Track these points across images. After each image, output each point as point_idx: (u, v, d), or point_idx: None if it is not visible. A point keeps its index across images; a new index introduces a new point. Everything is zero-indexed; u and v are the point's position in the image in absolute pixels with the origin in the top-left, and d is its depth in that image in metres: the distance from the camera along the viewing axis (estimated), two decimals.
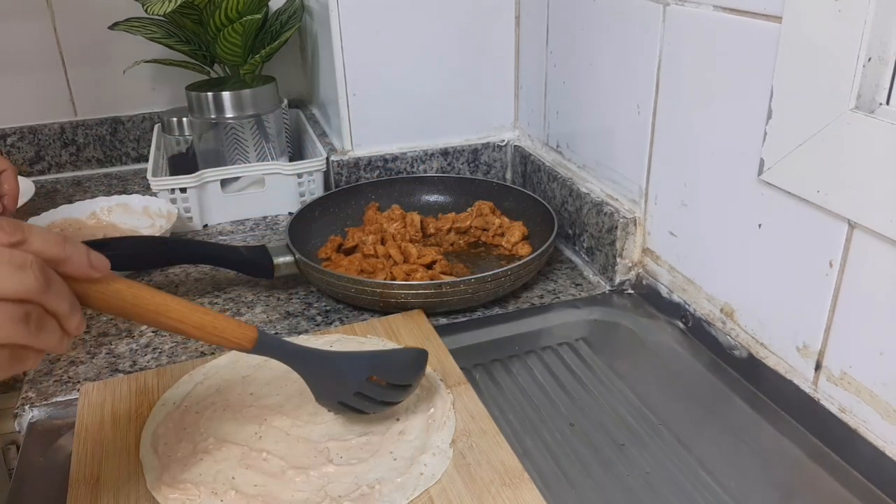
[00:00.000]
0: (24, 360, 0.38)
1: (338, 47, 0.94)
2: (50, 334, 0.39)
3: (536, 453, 0.59)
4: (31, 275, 0.37)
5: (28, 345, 0.37)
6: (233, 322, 0.50)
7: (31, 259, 0.37)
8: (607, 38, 0.78)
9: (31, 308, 0.37)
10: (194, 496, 0.51)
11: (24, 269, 0.37)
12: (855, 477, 0.55)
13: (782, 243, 0.59)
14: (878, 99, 0.50)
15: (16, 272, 0.36)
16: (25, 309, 0.37)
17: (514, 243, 0.86)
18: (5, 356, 0.37)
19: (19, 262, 0.37)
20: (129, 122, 1.23)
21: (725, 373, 0.67)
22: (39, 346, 0.38)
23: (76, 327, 0.40)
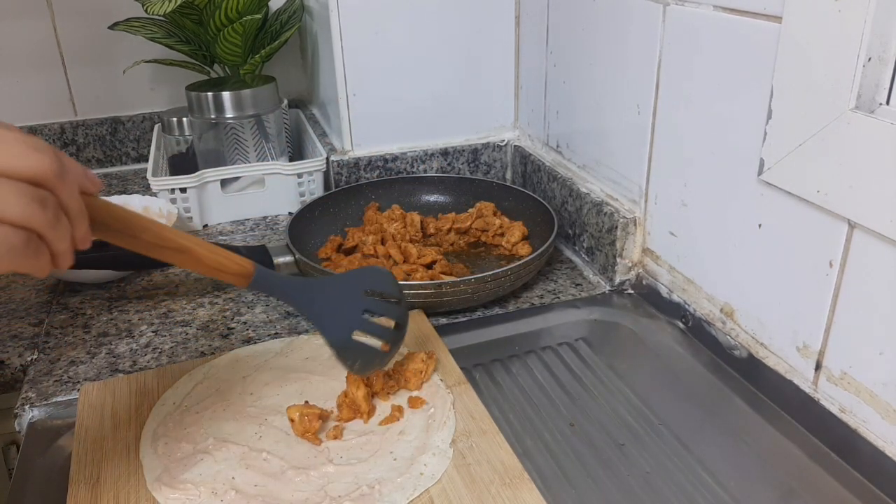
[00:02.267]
0: (38, 256, 0.37)
1: (338, 47, 0.94)
2: (63, 232, 0.37)
3: (536, 453, 0.59)
4: (49, 156, 0.36)
5: (44, 234, 0.36)
6: (232, 255, 0.50)
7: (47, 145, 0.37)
8: (607, 38, 0.78)
9: (46, 194, 0.36)
10: (194, 496, 0.51)
11: (42, 151, 0.36)
12: (855, 477, 0.55)
13: (782, 243, 0.59)
14: (878, 99, 0.50)
15: (33, 151, 0.36)
16: (42, 193, 0.36)
17: (514, 243, 0.86)
18: (22, 240, 0.35)
19: (35, 144, 0.36)
20: (129, 122, 1.23)
21: (725, 373, 0.67)
22: (54, 240, 0.37)
23: (83, 236, 0.39)
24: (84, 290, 0.82)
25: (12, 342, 0.73)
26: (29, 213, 0.35)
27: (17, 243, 0.35)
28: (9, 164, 0.35)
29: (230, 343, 0.72)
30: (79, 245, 0.39)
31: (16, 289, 0.84)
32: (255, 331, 0.74)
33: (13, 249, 0.35)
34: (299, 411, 0.57)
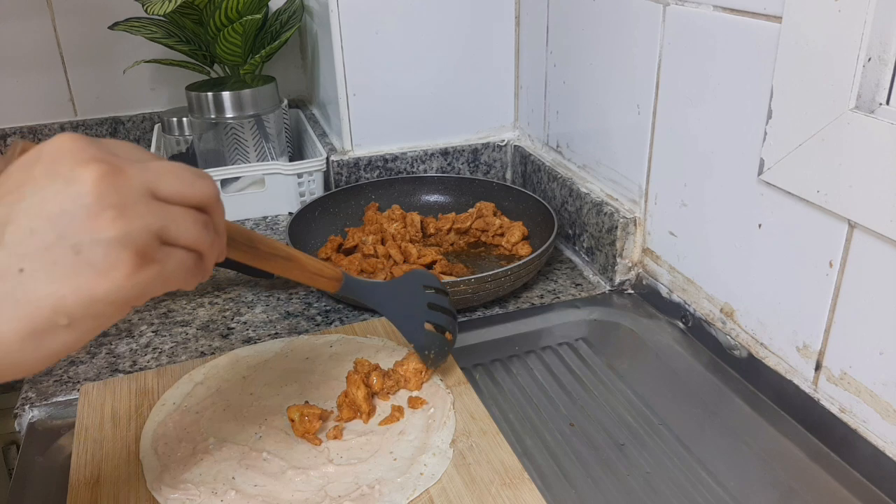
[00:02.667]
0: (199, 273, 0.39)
1: (338, 47, 0.94)
2: (216, 250, 0.40)
3: (536, 453, 0.59)
4: (210, 182, 0.39)
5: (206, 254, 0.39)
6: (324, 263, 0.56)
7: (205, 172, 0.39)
8: (607, 38, 0.78)
9: (208, 218, 0.39)
10: (194, 496, 0.51)
11: (205, 178, 0.39)
12: (855, 477, 0.55)
13: (782, 243, 0.59)
14: (878, 99, 0.50)
15: (199, 178, 0.38)
16: (206, 217, 0.39)
17: (514, 243, 0.86)
18: (194, 262, 0.38)
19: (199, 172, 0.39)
20: (129, 122, 1.23)
21: (725, 373, 0.67)
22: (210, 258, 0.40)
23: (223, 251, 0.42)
24: None
25: None
26: (200, 237, 0.38)
27: (191, 265, 0.38)
28: (186, 192, 0.37)
29: (230, 343, 0.72)
30: (219, 259, 0.42)
31: None
32: (255, 331, 0.74)
33: (188, 270, 0.38)
34: (300, 411, 0.57)
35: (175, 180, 0.37)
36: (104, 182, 0.34)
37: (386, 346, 0.68)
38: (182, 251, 0.37)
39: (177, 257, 0.37)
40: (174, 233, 0.37)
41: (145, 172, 0.36)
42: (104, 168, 0.34)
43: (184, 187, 0.37)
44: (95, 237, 0.34)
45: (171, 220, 0.36)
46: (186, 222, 0.37)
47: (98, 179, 0.34)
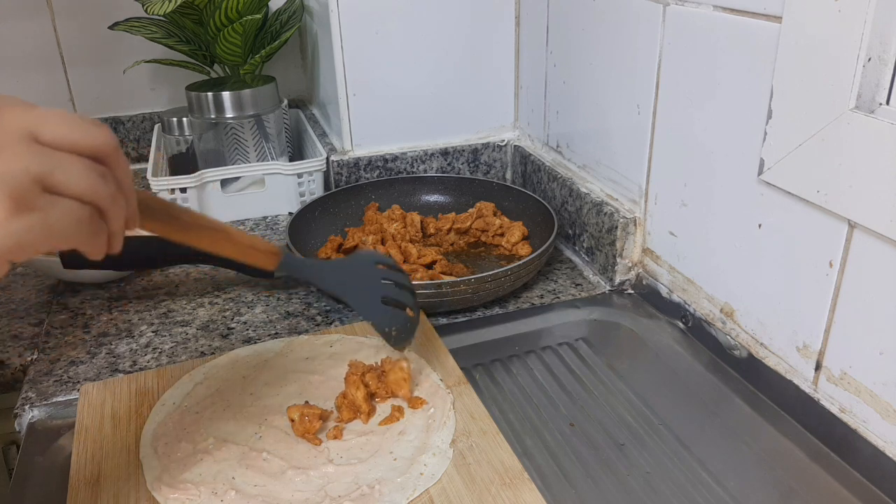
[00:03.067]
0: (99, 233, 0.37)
1: (338, 47, 0.94)
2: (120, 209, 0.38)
3: (536, 453, 0.59)
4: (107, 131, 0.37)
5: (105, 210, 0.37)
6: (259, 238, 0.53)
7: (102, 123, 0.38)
8: (607, 38, 0.78)
9: (105, 170, 0.37)
10: (194, 496, 0.51)
11: (100, 127, 0.37)
12: (855, 477, 0.55)
13: (782, 243, 0.59)
14: (878, 99, 0.50)
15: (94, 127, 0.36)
16: (102, 168, 0.37)
17: (514, 243, 0.86)
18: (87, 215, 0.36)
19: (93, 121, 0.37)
20: (129, 122, 1.23)
21: (725, 373, 0.67)
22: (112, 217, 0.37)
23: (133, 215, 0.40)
24: (84, 290, 0.82)
25: (12, 342, 0.73)
26: (94, 188, 0.35)
27: (83, 218, 0.35)
28: (73, 138, 0.35)
29: (230, 343, 0.72)
30: (129, 225, 0.40)
31: (16, 289, 0.84)
32: (255, 331, 0.74)
33: (80, 224, 0.35)
34: (300, 411, 0.57)
35: (62, 124, 0.35)
36: None
37: (386, 346, 0.68)
38: (70, 201, 0.35)
39: (63, 207, 0.34)
40: (59, 179, 0.34)
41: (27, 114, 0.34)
42: None
43: (72, 132, 0.35)
44: None
45: (56, 165, 0.34)
46: (75, 169, 0.35)
47: None
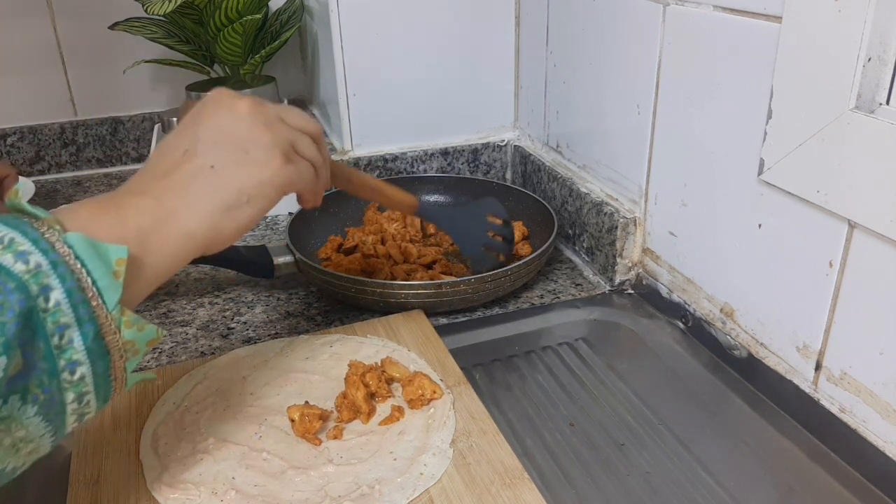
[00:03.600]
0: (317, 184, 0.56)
1: (338, 47, 0.94)
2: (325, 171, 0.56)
3: (536, 453, 0.59)
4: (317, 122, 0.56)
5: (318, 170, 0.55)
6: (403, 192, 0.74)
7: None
8: (607, 38, 0.78)
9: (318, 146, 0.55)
10: (194, 496, 0.51)
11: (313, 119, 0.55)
12: (855, 477, 0.55)
13: (782, 243, 0.59)
14: (878, 99, 0.50)
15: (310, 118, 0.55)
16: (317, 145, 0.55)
17: (514, 243, 0.86)
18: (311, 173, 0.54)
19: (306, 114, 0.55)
20: (129, 122, 1.23)
21: (725, 373, 0.67)
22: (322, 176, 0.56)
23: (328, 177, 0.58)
24: None
25: None
26: (315, 155, 0.54)
27: (311, 175, 0.54)
28: (303, 123, 0.54)
29: (230, 343, 0.72)
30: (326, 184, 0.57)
31: None
32: (255, 331, 0.74)
33: (311, 178, 0.54)
34: (300, 412, 0.57)
35: (296, 115, 0.54)
36: (254, 108, 0.50)
37: (386, 347, 0.68)
38: (305, 162, 0.53)
39: (304, 164, 0.53)
40: (300, 147, 0.52)
41: (275, 107, 0.52)
42: (250, 101, 0.50)
43: (302, 121, 0.54)
44: (256, 142, 0.49)
45: (298, 137, 0.52)
46: (306, 142, 0.53)
47: (250, 107, 0.50)
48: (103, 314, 0.40)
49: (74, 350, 0.39)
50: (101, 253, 0.40)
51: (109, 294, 0.40)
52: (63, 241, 0.39)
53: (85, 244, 0.39)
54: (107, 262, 0.40)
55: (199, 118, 0.50)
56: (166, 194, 0.46)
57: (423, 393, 0.60)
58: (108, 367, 0.41)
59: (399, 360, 0.64)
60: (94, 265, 0.39)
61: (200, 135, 0.49)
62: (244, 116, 0.50)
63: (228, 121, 0.49)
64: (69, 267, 0.38)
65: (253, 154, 0.49)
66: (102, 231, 0.42)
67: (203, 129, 0.49)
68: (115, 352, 0.41)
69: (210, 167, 0.47)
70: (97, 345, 0.40)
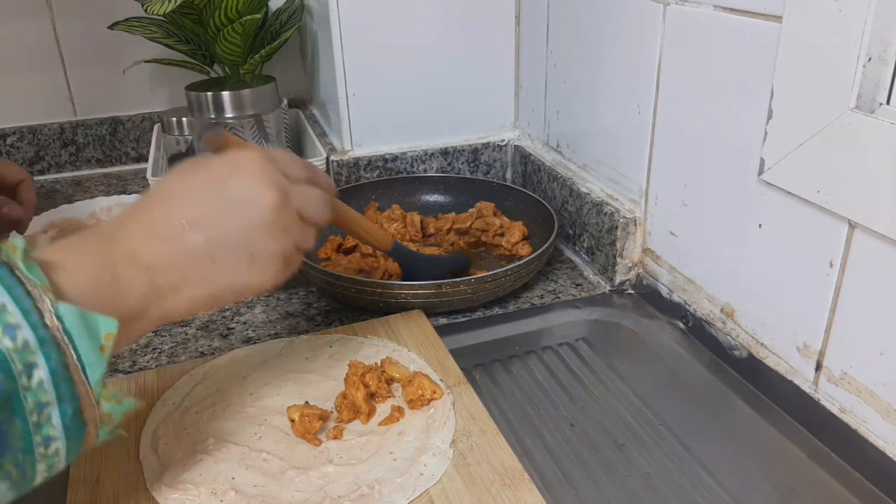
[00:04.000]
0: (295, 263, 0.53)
1: (338, 47, 0.94)
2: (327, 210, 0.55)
3: (536, 453, 0.59)
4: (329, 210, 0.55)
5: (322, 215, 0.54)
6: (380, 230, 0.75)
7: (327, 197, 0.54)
8: (607, 38, 0.78)
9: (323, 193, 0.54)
10: (194, 496, 0.51)
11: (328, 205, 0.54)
12: (855, 477, 0.55)
13: (783, 243, 0.59)
14: (879, 99, 0.50)
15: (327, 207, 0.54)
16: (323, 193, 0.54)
17: (515, 243, 0.86)
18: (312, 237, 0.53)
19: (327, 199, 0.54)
20: (129, 122, 1.23)
21: (726, 373, 0.67)
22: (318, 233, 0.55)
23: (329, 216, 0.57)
24: None
25: None
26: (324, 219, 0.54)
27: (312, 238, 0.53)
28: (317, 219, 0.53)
29: (230, 343, 0.72)
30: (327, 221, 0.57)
31: None
32: (255, 331, 0.74)
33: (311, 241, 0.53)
34: (300, 412, 0.57)
35: (314, 209, 0.52)
36: (277, 208, 0.48)
37: (386, 347, 0.68)
38: (311, 228, 0.53)
39: (308, 231, 0.53)
40: (303, 245, 0.52)
41: (298, 197, 0.50)
42: (279, 195, 0.48)
43: (317, 216, 0.52)
44: (265, 250, 0.48)
45: (306, 236, 0.52)
46: (311, 237, 0.53)
47: (274, 206, 0.47)
48: (84, 390, 0.39)
49: (52, 427, 0.38)
50: (90, 326, 0.39)
51: (93, 370, 0.39)
52: (54, 313, 0.37)
53: (76, 317, 0.38)
54: (95, 336, 0.39)
55: (225, 187, 0.47)
56: (159, 271, 0.44)
57: (423, 393, 0.60)
58: (82, 439, 0.40)
59: (399, 361, 0.64)
60: (81, 340, 0.38)
61: (217, 212, 0.46)
62: (268, 211, 0.47)
63: (251, 211, 0.47)
64: (56, 343, 0.37)
65: (257, 261, 0.47)
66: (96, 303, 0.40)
67: (222, 207, 0.46)
68: (91, 423, 0.40)
69: (210, 259, 0.46)
70: (75, 421, 0.39)
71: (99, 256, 0.43)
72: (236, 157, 0.48)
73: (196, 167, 0.48)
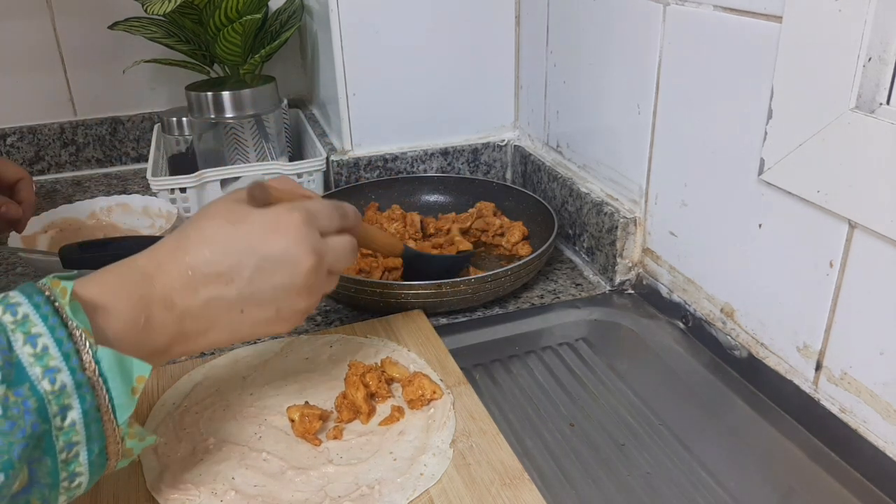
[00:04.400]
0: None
1: (338, 47, 0.94)
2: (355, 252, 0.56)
3: (536, 453, 0.59)
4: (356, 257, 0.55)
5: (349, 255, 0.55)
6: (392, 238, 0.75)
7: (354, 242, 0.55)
8: (607, 38, 0.78)
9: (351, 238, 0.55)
10: (194, 496, 0.51)
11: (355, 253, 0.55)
12: (855, 477, 0.55)
13: (783, 243, 0.59)
14: (879, 99, 0.50)
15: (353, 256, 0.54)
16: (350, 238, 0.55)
17: (515, 243, 0.86)
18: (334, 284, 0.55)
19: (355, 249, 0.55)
20: (129, 122, 1.23)
21: (725, 373, 0.67)
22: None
23: None
24: None
25: None
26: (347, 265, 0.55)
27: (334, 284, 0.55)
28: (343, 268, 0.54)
29: None
30: None
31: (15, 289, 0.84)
32: None
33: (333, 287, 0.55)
34: (300, 412, 0.57)
35: (344, 263, 0.53)
36: (311, 272, 0.49)
37: (386, 347, 0.68)
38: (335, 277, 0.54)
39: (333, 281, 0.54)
40: (327, 292, 0.54)
41: (332, 256, 0.52)
42: (315, 261, 0.49)
43: (343, 266, 0.54)
44: (292, 307, 0.50)
45: (331, 285, 0.54)
46: (335, 284, 0.54)
47: (309, 270, 0.49)
48: (112, 429, 0.41)
49: (79, 464, 0.40)
50: (125, 369, 0.41)
51: (122, 411, 0.41)
52: (92, 356, 0.39)
53: (112, 360, 0.40)
54: (128, 379, 0.41)
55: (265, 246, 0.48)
56: (190, 318, 0.46)
57: (423, 393, 0.60)
58: (103, 471, 0.42)
59: (399, 361, 0.64)
60: (115, 383, 0.40)
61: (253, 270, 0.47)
62: (302, 275, 0.49)
63: (286, 273, 0.48)
64: (91, 385, 0.39)
65: (283, 315, 0.50)
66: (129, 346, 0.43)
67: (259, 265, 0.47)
68: (114, 457, 0.42)
69: (240, 311, 0.48)
70: (100, 458, 0.41)
71: (140, 300, 0.44)
72: (279, 216, 0.49)
73: (239, 216, 0.49)
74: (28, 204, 0.82)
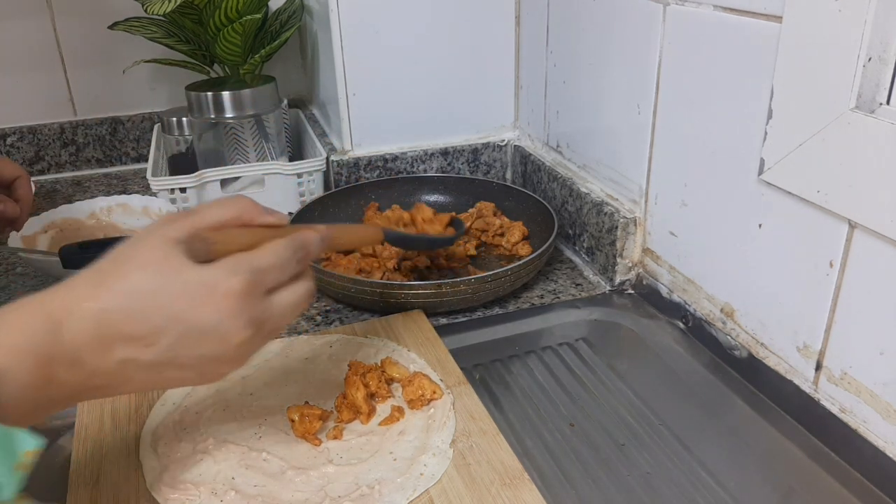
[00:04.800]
0: None
1: (338, 47, 0.94)
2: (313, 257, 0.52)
3: (536, 453, 0.59)
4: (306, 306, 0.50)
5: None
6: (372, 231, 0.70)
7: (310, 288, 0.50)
8: (607, 38, 0.78)
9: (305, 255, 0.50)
10: (194, 496, 0.51)
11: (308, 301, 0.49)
12: (855, 477, 0.55)
13: (783, 243, 0.59)
14: (879, 99, 0.50)
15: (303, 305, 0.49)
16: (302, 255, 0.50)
17: (515, 243, 0.86)
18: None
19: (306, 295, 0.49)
20: (129, 122, 1.23)
21: (725, 373, 0.67)
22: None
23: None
24: None
25: None
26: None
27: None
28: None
29: None
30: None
31: (15, 289, 0.84)
32: None
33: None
34: (300, 412, 0.57)
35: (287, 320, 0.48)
36: (243, 344, 0.45)
37: (386, 347, 0.68)
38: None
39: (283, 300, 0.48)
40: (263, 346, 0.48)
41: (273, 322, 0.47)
42: (250, 335, 0.44)
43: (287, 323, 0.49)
44: (217, 371, 0.46)
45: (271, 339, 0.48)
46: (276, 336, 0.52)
47: (241, 343, 0.44)
48: None
49: None
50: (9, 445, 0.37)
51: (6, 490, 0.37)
52: None
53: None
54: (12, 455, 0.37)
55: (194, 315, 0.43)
56: (99, 376, 0.42)
57: (423, 393, 0.60)
58: None
59: (399, 361, 0.64)
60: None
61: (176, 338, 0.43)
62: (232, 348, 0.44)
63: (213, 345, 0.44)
64: None
65: (206, 376, 0.46)
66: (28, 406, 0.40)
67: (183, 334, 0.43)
68: None
69: (157, 373, 0.44)
70: None
71: (43, 359, 0.40)
72: (217, 282, 0.43)
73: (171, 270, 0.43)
74: (25, 202, 0.81)
